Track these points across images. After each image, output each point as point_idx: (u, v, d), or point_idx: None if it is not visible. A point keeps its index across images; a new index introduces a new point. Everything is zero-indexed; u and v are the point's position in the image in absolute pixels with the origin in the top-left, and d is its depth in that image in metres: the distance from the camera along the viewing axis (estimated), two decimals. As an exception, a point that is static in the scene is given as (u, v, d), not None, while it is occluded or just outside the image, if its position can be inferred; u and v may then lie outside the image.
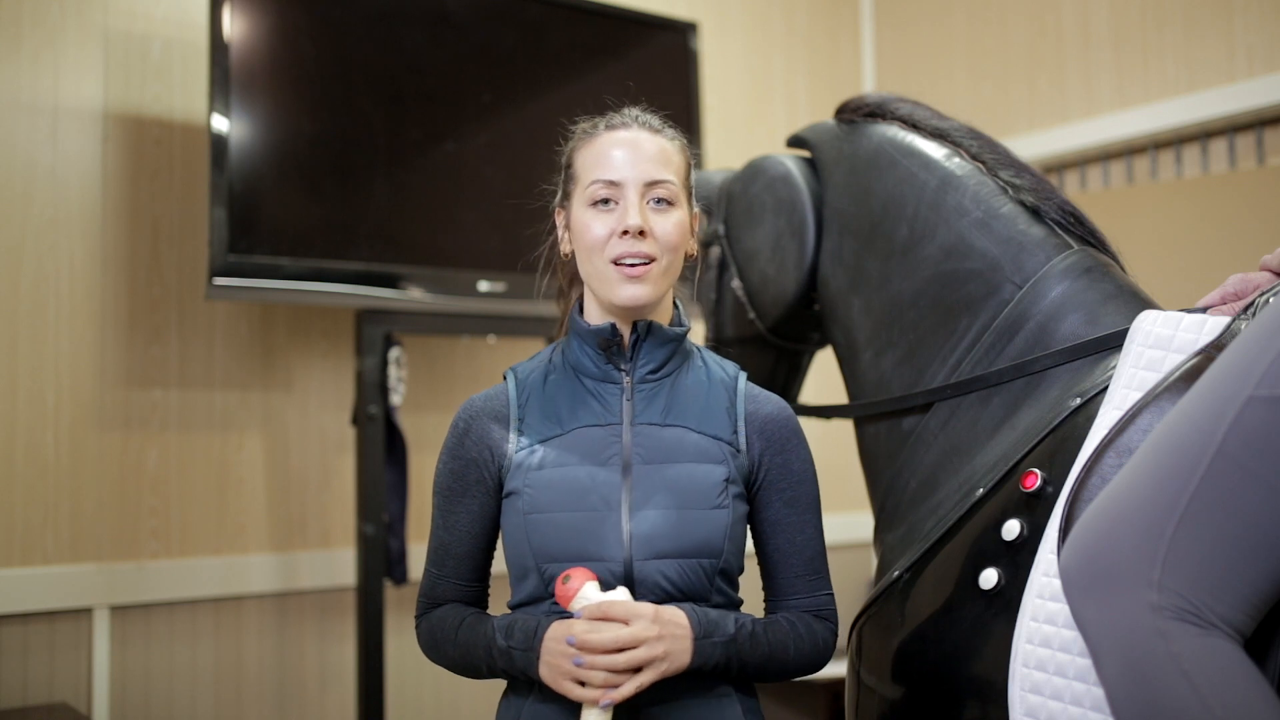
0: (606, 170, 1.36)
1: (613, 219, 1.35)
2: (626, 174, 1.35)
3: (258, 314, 2.74)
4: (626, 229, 1.33)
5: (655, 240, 1.35)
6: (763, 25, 3.65)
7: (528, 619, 1.31)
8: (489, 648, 1.32)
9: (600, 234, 1.35)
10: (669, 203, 1.37)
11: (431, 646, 1.42)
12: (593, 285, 1.39)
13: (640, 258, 1.34)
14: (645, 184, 1.36)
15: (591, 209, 1.37)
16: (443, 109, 2.69)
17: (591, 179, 1.37)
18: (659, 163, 1.37)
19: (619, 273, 1.34)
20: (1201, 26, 2.89)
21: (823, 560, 1.43)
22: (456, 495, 1.40)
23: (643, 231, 1.33)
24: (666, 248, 1.36)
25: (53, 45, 2.53)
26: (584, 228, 1.37)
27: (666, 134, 1.42)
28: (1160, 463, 1.04)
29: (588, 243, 1.36)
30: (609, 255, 1.34)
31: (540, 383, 1.42)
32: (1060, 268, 1.52)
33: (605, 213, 1.36)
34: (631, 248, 1.33)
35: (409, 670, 2.84)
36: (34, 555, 2.44)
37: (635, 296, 1.34)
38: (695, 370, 1.43)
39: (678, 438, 1.36)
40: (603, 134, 1.40)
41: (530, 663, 1.27)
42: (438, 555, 1.42)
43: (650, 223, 1.35)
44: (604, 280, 1.35)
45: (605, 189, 1.35)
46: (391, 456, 2.68)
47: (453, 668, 1.40)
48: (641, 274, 1.34)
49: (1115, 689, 1.01)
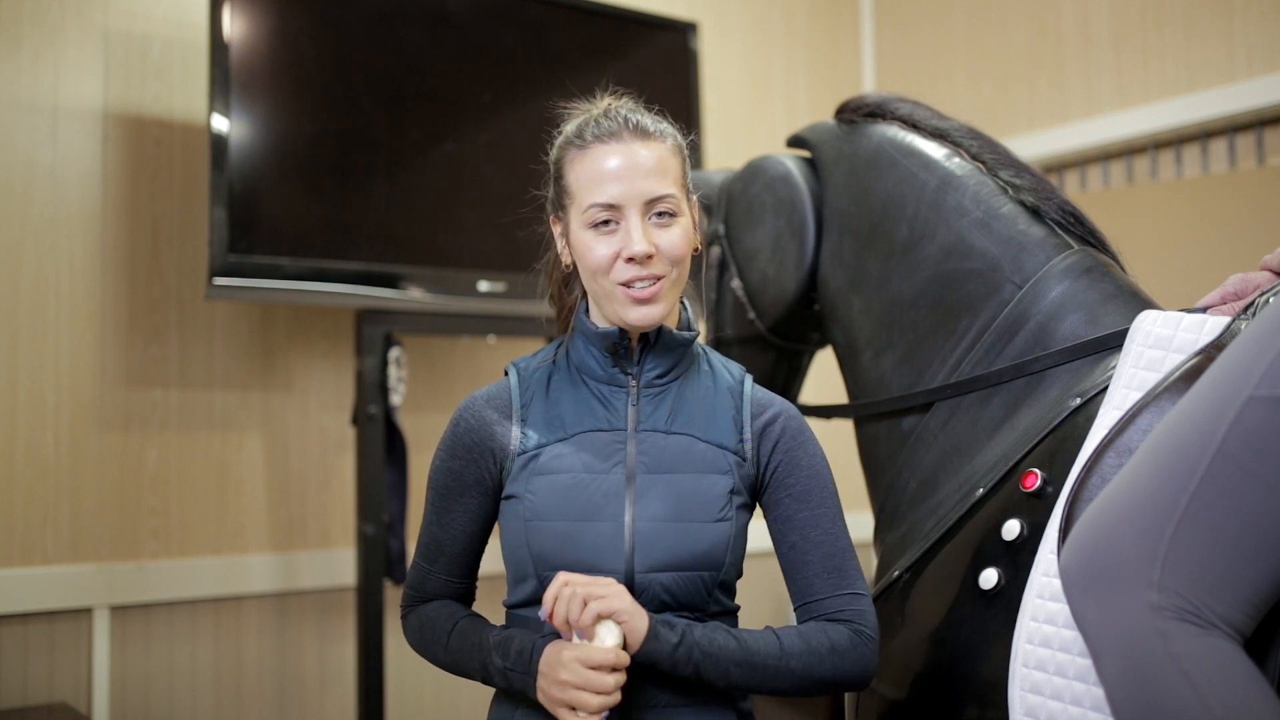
0: (603, 193, 1.31)
1: (616, 240, 1.31)
2: (625, 195, 1.30)
3: (258, 314, 2.74)
4: (633, 256, 1.29)
5: (662, 257, 1.31)
6: (763, 25, 3.65)
7: (524, 638, 1.29)
8: (485, 663, 1.30)
9: (604, 256, 1.31)
10: (671, 214, 1.33)
11: (419, 643, 1.40)
12: (600, 303, 1.35)
13: (648, 279, 1.30)
14: (645, 203, 1.31)
15: (591, 231, 1.32)
16: (443, 109, 2.69)
17: (589, 203, 1.31)
18: (656, 176, 1.32)
19: (627, 296, 1.31)
20: (1201, 26, 2.89)
21: (845, 558, 1.35)
22: (454, 493, 1.38)
23: (649, 255, 1.30)
24: (674, 261, 1.32)
25: (53, 45, 2.53)
26: (586, 249, 1.32)
27: (658, 134, 1.35)
28: (1160, 463, 1.04)
29: (591, 265, 1.32)
30: (615, 279, 1.30)
31: (544, 382, 1.39)
32: (1060, 268, 1.52)
33: (607, 234, 1.31)
34: (639, 272, 1.30)
35: (409, 670, 2.84)
36: (34, 555, 2.44)
37: (646, 318, 1.31)
38: (702, 375, 1.40)
39: (683, 446, 1.34)
40: (592, 146, 1.33)
41: (527, 685, 1.26)
42: (429, 550, 1.40)
43: (655, 239, 1.31)
44: (612, 301, 1.32)
45: (605, 212, 1.31)
46: (391, 456, 2.68)
47: (440, 667, 1.38)
48: (651, 295, 1.30)
49: (1115, 689, 1.01)
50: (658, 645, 1.23)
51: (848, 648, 1.29)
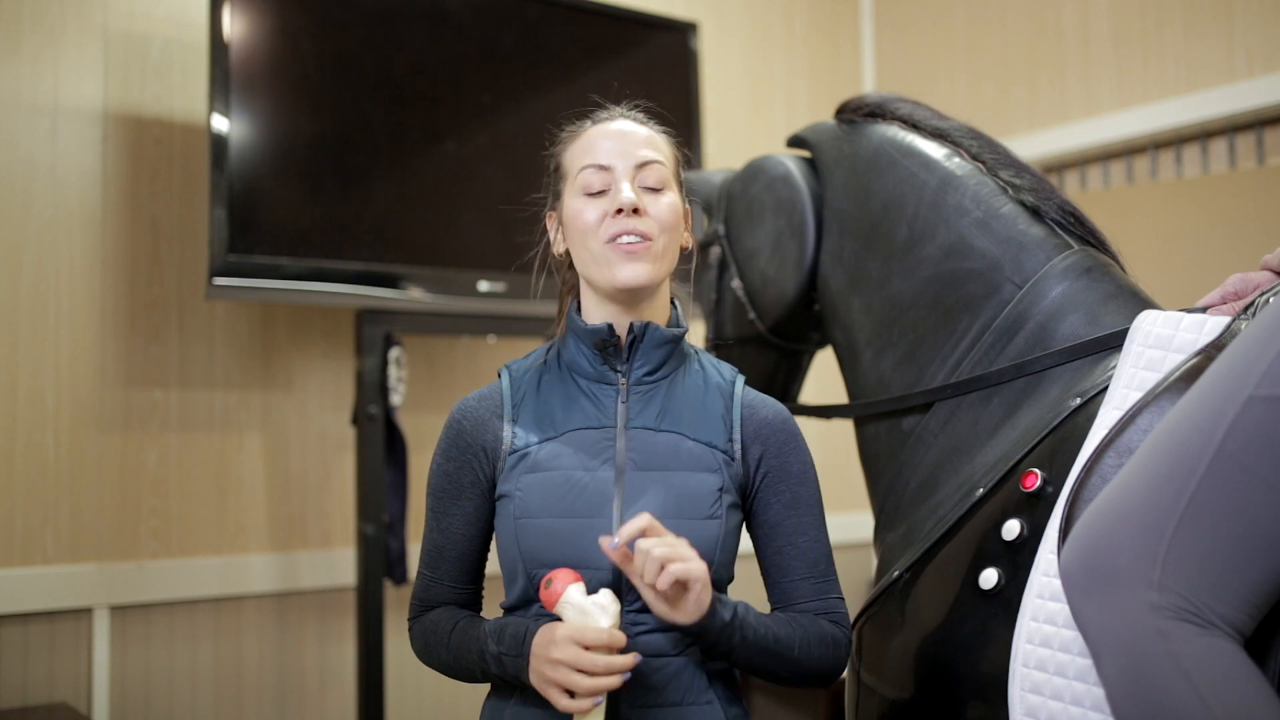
0: (595, 156, 1.35)
1: (605, 202, 1.34)
2: (615, 158, 1.34)
3: (258, 314, 2.74)
4: (620, 207, 1.31)
5: (651, 219, 1.33)
6: (763, 25, 3.65)
7: (518, 623, 1.28)
8: (481, 653, 1.30)
9: (593, 217, 1.33)
10: (660, 188, 1.35)
11: (424, 650, 1.39)
12: (589, 273, 1.36)
13: (636, 234, 1.31)
14: (635, 166, 1.34)
15: (583, 197, 1.35)
16: (443, 109, 2.69)
17: (581, 166, 1.35)
18: (648, 146, 1.37)
19: (616, 251, 1.31)
20: (1201, 26, 2.89)
21: (828, 565, 1.38)
22: (451, 496, 1.38)
23: (637, 209, 1.32)
24: (662, 227, 1.34)
25: (53, 45, 2.53)
26: (576, 214, 1.35)
27: (654, 125, 1.42)
28: (1160, 462, 1.04)
29: (581, 227, 1.34)
30: (604, 235, 1.32)
31: (535, 382, 1.40)
32: (1060, 268, 1.52)
33: (597, 198, 1.35)
34: (626, 225, 1.31)
35: (409, 670, 2.84)
36: (34, 555, 2.44)
37: (635, 275, 1.31)
38: (692, 374, 1.40)
39: (672, 444, 1.34)
40: (589, 128, 1.40)
41: (520, 668, 1.25)
42: (431, 557, 1.40)
43: (644, 202, 1.33)
44: (600, 262, 1.33)
45: (595, 173, 1.34)
46: (391, 456, 2.68)
47: (446, 672, 1.37)
48: (640, 250, 1.31)
49: (1115, 689, 1.01)
50: (711, 621, 1.23)
51: (833, 644, 1.34)
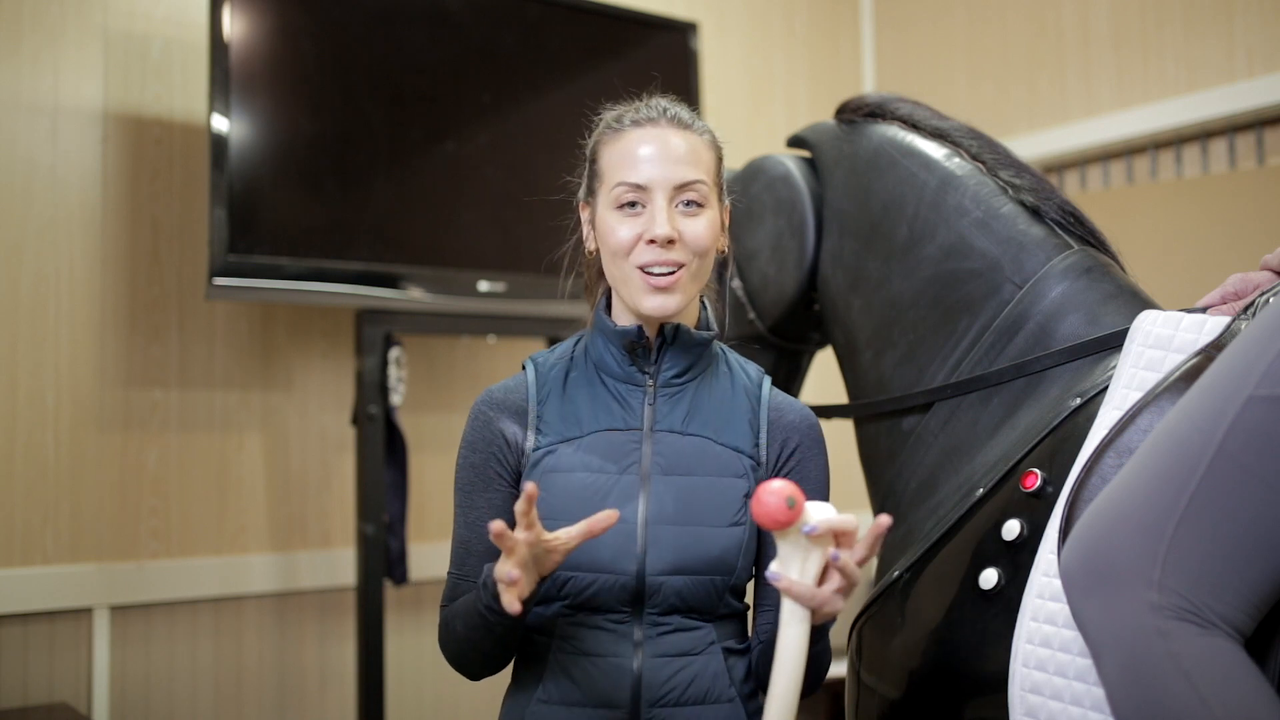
0: (632, 172, 1.30)
1: (639, 223, 1.29)
2: (654, 177, 1.29)
3: (258, 314, 2.74)
4: (654, 238, 1.28)
5: (684, 245, 1.30)
6: (763, 25, 3.65)
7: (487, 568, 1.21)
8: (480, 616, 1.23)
9: (626, 238, 1.30)
10: (699, 204, 1.32)
11: (447, 643, 1.33)
12: (618, 289, 1.34)
13: (668, 266, 1.29)
14: (674, 187, 1.30)
15: (617, 211, 1.31)
16: (443, 109, 2.69)
17: (617, 181, 1.31)
18: (688, 163, 1.31)
19: (645, 282, 1.29)
20: (1201, 26, 2.89)
21: None
22: (477, 489, 1.35)
23: (671, 240, 1.28)
24: (696, 252, 1.31)
25: (53, 45, 2.53)
26: (609, 230, 1.31)
27: (696, 128, 1.35)
28: (1160, 462, 1.04)
29: (613, 246, 1.31)
30: (635, 261, 1.29)
31: (561, 378, 1.37)
32: (1060, 268, 1.52)
33: (632, 216, 1.30)
34: (660, 256, 1.28)
35: (409, 670, 2.84)
36: (34, 555, 2.44)
37: (662, 307, 1.29)
38: (720, 376, 1.39)
39: (699, 448, 1.32)
40: (629, 130, 1.34)
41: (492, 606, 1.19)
42: (459, 555, 1.36)
43: (679, 227, 1.29)
44: (629, 287, 1.31)
45: (631, 192, 1.30)
46: (391, 456, 2.68)
47: (472, 660, 1.31)
48: (669, 284, 1.29)
49: (1115, 689, 1.01)
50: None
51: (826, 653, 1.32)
